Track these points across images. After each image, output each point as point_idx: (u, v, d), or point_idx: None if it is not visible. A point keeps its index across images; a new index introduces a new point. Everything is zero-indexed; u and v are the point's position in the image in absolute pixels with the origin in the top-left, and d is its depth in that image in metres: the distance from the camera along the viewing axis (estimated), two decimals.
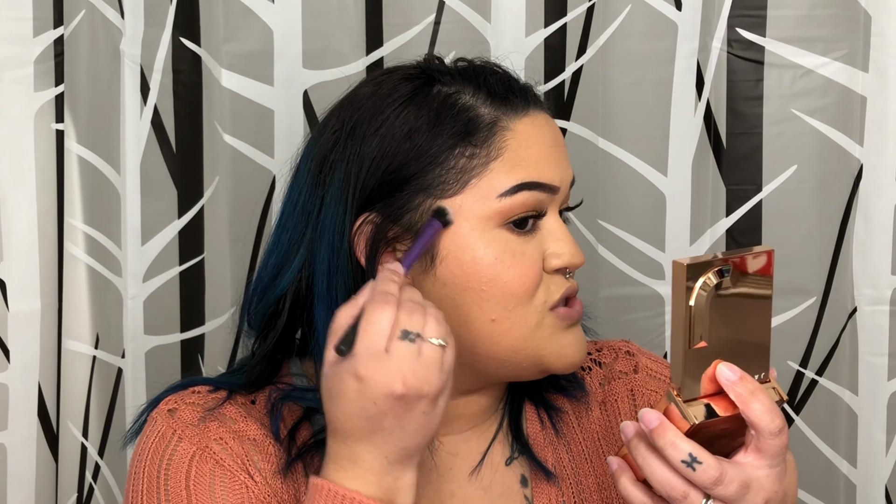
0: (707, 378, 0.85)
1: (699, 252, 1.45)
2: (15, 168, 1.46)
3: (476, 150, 0.95)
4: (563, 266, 0.98)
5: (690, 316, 0.84)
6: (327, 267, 0.97)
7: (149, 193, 1.47)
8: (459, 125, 0.96)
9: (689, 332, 0.84)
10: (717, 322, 0.85)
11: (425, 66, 1.01)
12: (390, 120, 0.97)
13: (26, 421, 1.50)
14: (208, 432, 0.97)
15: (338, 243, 0.97)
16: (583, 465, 1.07)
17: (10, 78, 1.45)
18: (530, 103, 0.99)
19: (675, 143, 1.44)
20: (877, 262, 1.42)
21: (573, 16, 1.43)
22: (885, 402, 1.44)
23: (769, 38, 1.41)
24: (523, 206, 0.96)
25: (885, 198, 1.41)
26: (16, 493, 1.50)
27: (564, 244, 0.98)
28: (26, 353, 1.49)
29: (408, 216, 0.96)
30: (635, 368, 1.13)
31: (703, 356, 0.85)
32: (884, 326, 1.43)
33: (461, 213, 0.95)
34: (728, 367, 0.85)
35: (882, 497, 1.45)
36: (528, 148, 0.97)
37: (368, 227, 0.97)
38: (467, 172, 0.95)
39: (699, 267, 0.83)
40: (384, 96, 0.99)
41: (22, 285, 1.47)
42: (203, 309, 1.50)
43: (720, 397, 0.86)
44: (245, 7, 1.42)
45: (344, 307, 0.89)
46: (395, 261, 0.95)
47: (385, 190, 0.96)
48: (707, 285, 0.84)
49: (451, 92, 0.97)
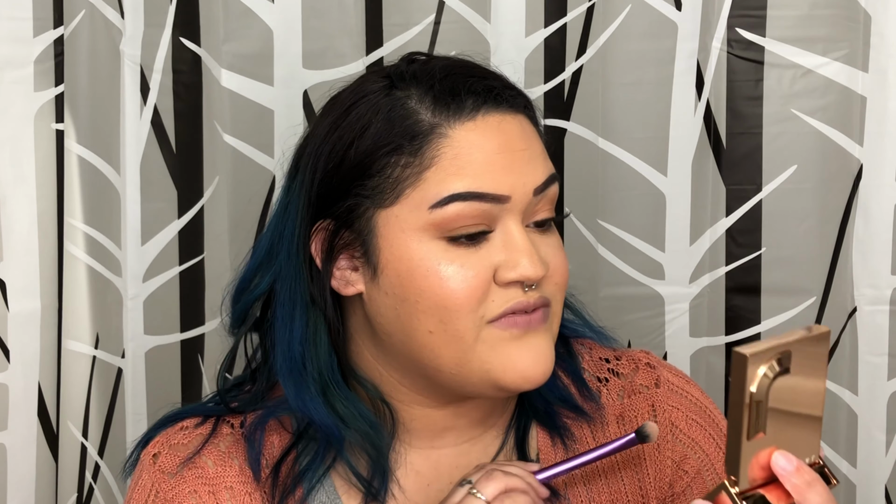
0: (758, 465, 0.82)
1: (699, 252, 1.45)
2: (15, 168, 1.46)
3: (410, 158, 0.93)
4: (516, 279, 0.93)
5: (750, 407, 0.80)
6: (285, 271, 0.98)
7: (149, 193, 1.47)
8: (398, 132, 0.93)
9: (748, 424, 0.80)
10: (774, 408, 0.81)
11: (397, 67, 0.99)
12: (343, 124, 0.95)
13: (26, 421, 1.50)
14: (184, 484, 0.98)
15: (293, 247, 0.97)
16: (596, 482, 1.04)
17: (10, 78, 1.45)
18: (482, 105, 0.94)
19: (675, 143, 1.43)
20: (877, 262, 1.42)
21: (573, 16, 1.43)
22: (885, 402, 1.44)
23: (769, 38, 1.41)
24: (460, 218, 0.92)
25: (885, 198, 1.41)
26: (16, 493, 1.50)
27: (520, 255, 0.93)
28: (26, 353, 1.48)
29: (357, 222, 0.95)
30: (657, 382, 1.08)
31: (760, 446, 0.82)
32: (884, 326, 1.43)
33: (398, 223, 0.93)
34: (784, 457, 0.82)
35: (882, 497, 1.45)
36: (468, 156, 0.92)
37: (322, 232, 0.97)
38: (401, 182, 0.93)
39: (760, 356, 0.79)
40: (345, 100, 0.97)
41: (22, 285, 1.47)
42: (203, 309, 1.50)
43: (773, 486, 0.82)
44: (245, 7, 1.42)
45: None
46: (536, 463, 1.02)
47: (333, 196, 0.95)
48: (769, 374, 0.80)
49: (401, 97, 0.95)
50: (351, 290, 0.97)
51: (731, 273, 1.45)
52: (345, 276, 0.97)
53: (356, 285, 0.97)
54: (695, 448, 1.06)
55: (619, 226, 1.45)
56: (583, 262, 1.45)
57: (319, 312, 0.98)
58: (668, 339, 1.46)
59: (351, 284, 0.97)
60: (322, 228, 0.97)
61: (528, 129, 0.97)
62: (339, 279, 0.97)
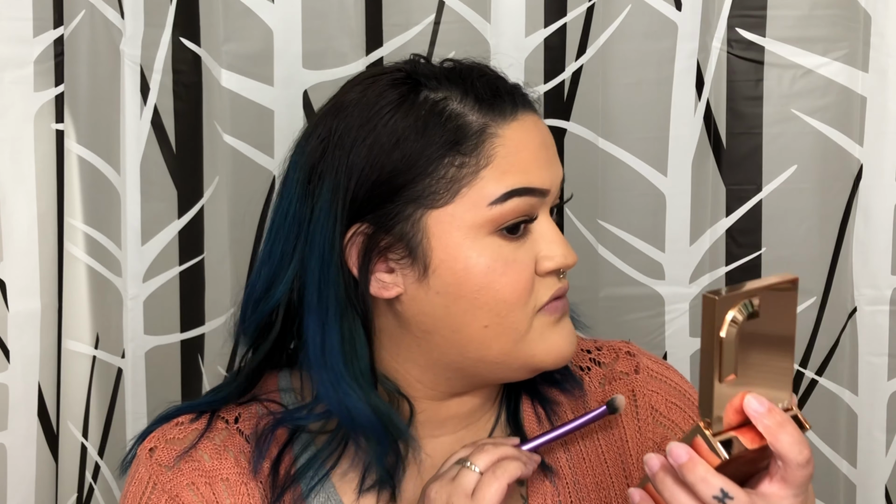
0: (732, 409, 0.84)
1: (699, 252, 1.45)
2: (15, 168, 1.46)
3: (465, 158, 0.94)
4: (555, 268, 0.98)
5: (721, 349, 0.82)
6: (318, 279, 0.97)
7: (149, 193, 1.47)
8: (448, 134, 0.95)
9: (719, 366, 0.82)
10: (744, 354, 0.83)
11: (411, 69, 0.99)
12: (378, 129, 0.96)
13: (26, 421, 1.50)
14: (181, 476, 0.99)
15: (328, 255, 0.97)
16: (580, 465, 1.07)
17: (10, 78, 1.45)
18: (518, 106, 0.98)
19: (675, 143, 1.44)
20: (877, 262, 1.42)
21: (573, 16, 1.43)
22: (885, 402, 1.44)
23: (769, 38, 1.41)
24: (514, 213, 0.95)
25: (885, 198, 1.41)
26: (16, 493, 1.50)
27: (556, 246, 0.98)
28: (26, 353, 1.49)
29: (399, 226, 0.95)
30: (636, 369, 1.12)
31: (732, 389, 0.84)
32: (884, 326, 1.43)
33: (453, 222, 0.95)
34: (756, 399, 0.84)
35: (882, 497, 1.45)
36: (518, 153, 0.96)
37: (360, 237, 0.96)
38: (457, 182, 0.94)
39: (728, 300, 0.82)
40: (371, 103, 0.97)
41: (22, 285, 1.47)
42: (203, 309, 1.50)
43: (746, 429, 0.84)
44: (245, 7, 1.42)
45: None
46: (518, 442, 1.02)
47: (375, 200, 0.95)
48: (737, 318, 0.82)
49: (439, 98, 0.96)
50: (392, 291, 0.97)
51: (731, 273, 1.45)
52: (380, 280, 0.97)
53: (395, 287, 0.97)
54: (675, 430, 1.09)
55: (619, 226, 1.45)
56: (583, 262, 1.45)
57: (356, 317, 0.98)
58: (668, 339, 1.46)
59: (389, 287, 0.97)
60: (359, 233, 0.96)
61: (546, 128, 1.02)
62: (375, 283, 0.98)
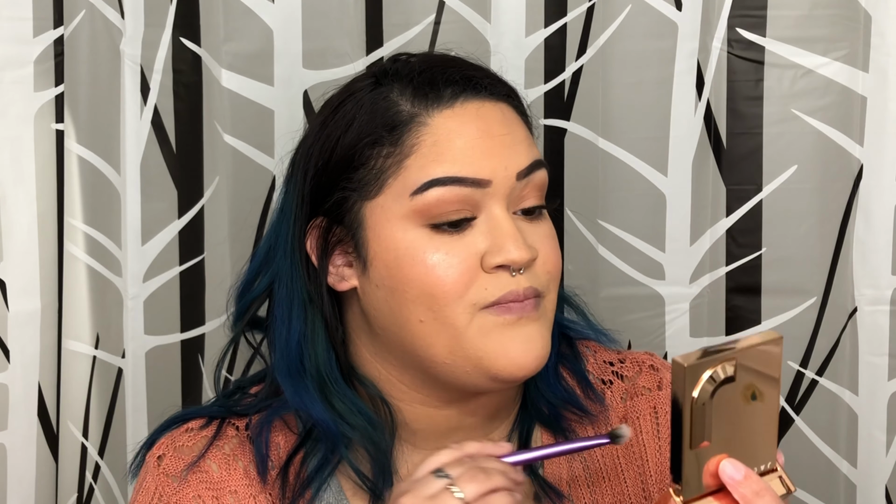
0: (708, 473, 0.82)
1: (699, 252, 1.45)
2: (15, 168, 1.46)
3: (392, 148, 0.94)
4: (501, 263, 0.94)
5: (692, 415, 0.79)
6: (282, 271, 0.99)
7: (149, 193, 1.47)
8: (379, 124, 0.95)
9: (690, 432, 0.80)
10: (721, 416, 0.80)
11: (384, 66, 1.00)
12: (331, 123, 0.97)
13: (26, 421, 1.49)
14: (187, 488, 0.98)
15: (289, 247, 0.98)
16: (600, 483, 1.05)
17: (10, 78, 1.45)
18: (460, 94, 0.96)
19: (675, 143, 1.43)
20: (877, 262, 1.42)
21: (573, 16, 1.43)
22: (885, 402, 1.43)
23: (769, 38, 1.41)
24: (441, 204, 0.93)
25: (885, 198, 1.41)
26: (16, 493, 1.49)
27: (504, 239, 0.94)
28: (26, 353, 1.48)
29: (346, 217, 0.96)
30: (659, 385, 1.09)
31: (706, 455, 0.81)
32: (884, 326, 1.43)
33: (383, 213, 0.94)
34: (732, 465, 0.82)
35: (882, 497, 1.45)
36: (448, 142, 0.94)
37: (316, 230, 0.98)
38: (384, 172, 0.94)
39: (701, 366, 0.79)
40: (334, 101, 0.99)
41: (22, 285, 1.47)
42: (203, 309, 1.49)
43: (723, 494, 0.82)
44: (245, 7, 1.42)
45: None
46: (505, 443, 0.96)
47: (323, 192, 0.97)
48: (711, 382, 0.79)
49: (383, 91, 0.97)
50: (346, 285, 0.98)
51: (731, 273, 1.45)
52: (340, 273, 0.98)
53: (350, 280, 0.98)
54: None
55: (619, 226, 1.45)
56: (583, 262, 1.45)
57: (317, 310, 0.99)
58: (668, 340, 1.46)
59: (345, 280, 0.98)
60: (316, 226, 0.98)
61: (509, 115, 0.98)
62: (334, 275, 0.98)
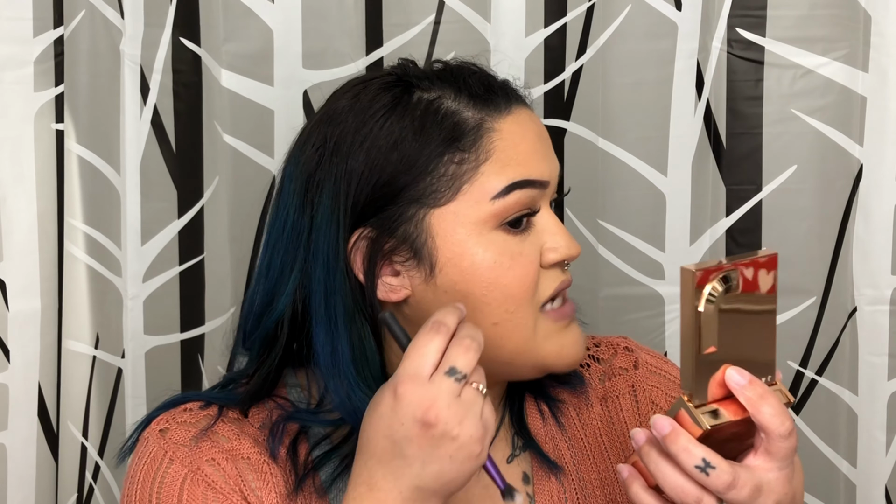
0: (715, 383, 0.86)
1: (699, 252, 1.45)
2: (15, 168, 1.46)
3: (465, 154, 0.94)
4: (560, 259, 0.98)
5: (699, 322, 0.84)
6: (324, 287, 0.97)
7: (149, 193, 1.47)
8: (445, 131, 0.95)
9: (698, 338, 0.84)
10: (725, 327, 0.85)
11: (401, 72, 1.00)
12: (374, 132, 0.95)
13: (26, 421, 1.50)
14: (200, 453, 0.96)
15: (333, 263, 0.96)
16: (584, 461, 1.07)
17: (10, 78, 1.45)
18: (512, 100, 0.98)
19: (675, 143, 1.44)
20: (877, 262, 1.42)
21: (573, 16, 1.43)
22: (885, 402, 1.44)
23: (769, 38, 1.41)
24: (517, 206, 0.95)
25: (885, 198, 1.41)
26: (16, 493, 1.50)
27: (560, 237, 0.98)
28: (26, 353, 1.49)
29: (402, 228, 0.95)
30: (635, 364, 1.12)
31: (712, 362, 0.85)
32: (884, 326, 1.43)
33: (456, 219, 0.94)
34: (737, 372, 0.85)
35: (882, 497, 1.45)
36: (516, 146, 0.96)
37: (364, 242, 0.96)
38: (458, 178, 0.94)
39: (706, 273, 0.83)
40: (364, 108, 0.97)
41: (22, 285, 1.48)
42: (203, 309, 1.50)
43: (729, 401, 0.86)
44: (245, 7, 1.42)
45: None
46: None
47: (377, 204, 0.95)
48: (715, 291, 0.84)
49: (433, 98, 0.96)
50: (399, 294, 0.97)
51: None
52: (387, 283, 0.97)
53: (403, 290, 0.97)
54: None
55: (619, 226, 1.45)
56: (583, 262, 1.45)
57: (365, 323, 0.97)
58: (668, 339, 1.46)
59: (397, 290, 0.97)
60: (362, 238, 0.96)
61: (540, 122, 1.02)
62: (382, 287, 0.97)
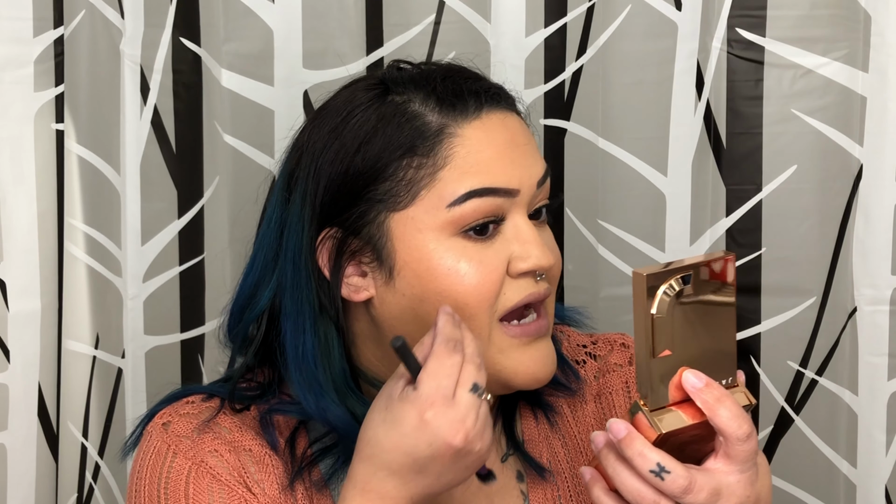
0: (673, 386, 0.86)
1: (699, 252, 1.45)
2: (15, 168, 1.46)
3: (423, 159, 0.94)
4: (529, 269, 0.96)
5: (652, 325, 0.84)
6: (292, 283, 0.98)
7: (149, 193, 1.47)
8: (406, 135, 0.95)
9: (651, 342, 0.84)
10: (680, 330, 0.85)
11: (384, 75, 1.00)
12: (344, 133, 0.96)
13: (26, 421, 1.50)
14: (203, 444, 0.96)
15: (299, 259, 0.97)
16: (578, 459, 1.07)
17: (10, 78, 1.45)
18: (484, 105, 0.97)
19: (675, 143, 1.44)
20: (877, 262, 1.42)
21: (573, 16, 1.43)
22: (885, 402, 1.43)
23: (769, 38, 1.41)
24: (476, 214, 0.94)
25: (885, 198, 1.41)
26: (16, 493, 1.50)
27: (531, 246, 0.96)
28: (26, 353, 1.49)
29: (366, 229, 0.96)
30: (630, 360, 1.12)
31: (668, 364, 0.85)
32: (884, 326, 1.43)
33: (415, 224, 0.94)
34: (693, 374, 0.85)
35: (882, 497, 1.45)
36: (479, 153, 0.95)
37: (330, 241, 0.97)
38: (416, 183, 0.94)
39: (659, 276, 0.83)
40: (340, 109, 0.98)
41: (22, 285, 1.47)
42: (203, 309, 1.50)
43: (688, 404, 0.86)
44: (245, 7, 1.42)
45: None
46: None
47: (342, 204, 0.96)
48: (668, 294, 0.83)
49: (401, 101, 0.96)
50: (362, 295, 0.98)
51: None
52: (352, 283, 0.98)
53: (366, 291, 0.97)
54: None
55: (619, 226, 1.45)
56: (583, 262, 1.45)
57: (330, 321, 0.98)
58: None
59: (360, 290, 0.97)
60: (329, 237, 0.97)
61: (523, 124, 1.00)
62: (346, 287, 0.98)
